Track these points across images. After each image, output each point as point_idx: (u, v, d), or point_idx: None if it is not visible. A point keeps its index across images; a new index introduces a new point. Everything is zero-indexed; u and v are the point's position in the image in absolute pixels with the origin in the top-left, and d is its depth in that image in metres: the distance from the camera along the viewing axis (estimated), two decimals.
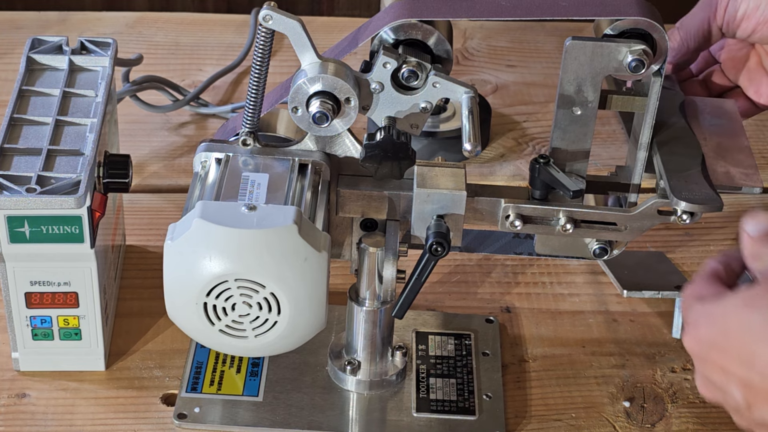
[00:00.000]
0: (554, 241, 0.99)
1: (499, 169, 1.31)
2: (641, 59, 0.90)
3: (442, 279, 1.16)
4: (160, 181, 1.28)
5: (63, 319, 1.00)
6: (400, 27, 0.93)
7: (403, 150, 0.91)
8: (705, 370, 0.82)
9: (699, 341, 0.81)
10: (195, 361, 1.04)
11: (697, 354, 0.82)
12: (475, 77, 1.46)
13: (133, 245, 1.18)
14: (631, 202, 0.98)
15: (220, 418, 1.00)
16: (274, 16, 0.89)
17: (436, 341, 1.08)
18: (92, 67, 1.08)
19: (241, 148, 0.94)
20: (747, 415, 0.80)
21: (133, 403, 1.02)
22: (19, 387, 1.02)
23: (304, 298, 0.87)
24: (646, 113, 0.94)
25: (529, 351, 1.09)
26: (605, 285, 1.16)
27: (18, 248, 0.96)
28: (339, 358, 1.03)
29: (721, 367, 0.80)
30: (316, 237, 0.88)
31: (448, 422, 1.00)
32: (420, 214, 0.95)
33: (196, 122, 1.36)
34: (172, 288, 0.88)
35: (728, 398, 0.81)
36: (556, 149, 0.96)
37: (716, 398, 0.82)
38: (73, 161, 0.97)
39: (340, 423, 1.00)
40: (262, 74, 0.91)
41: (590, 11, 0.91)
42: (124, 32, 1.51)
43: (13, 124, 1.01)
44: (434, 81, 0.92)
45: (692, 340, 0.82)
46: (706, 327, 0.80)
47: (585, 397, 1.04)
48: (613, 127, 1.39)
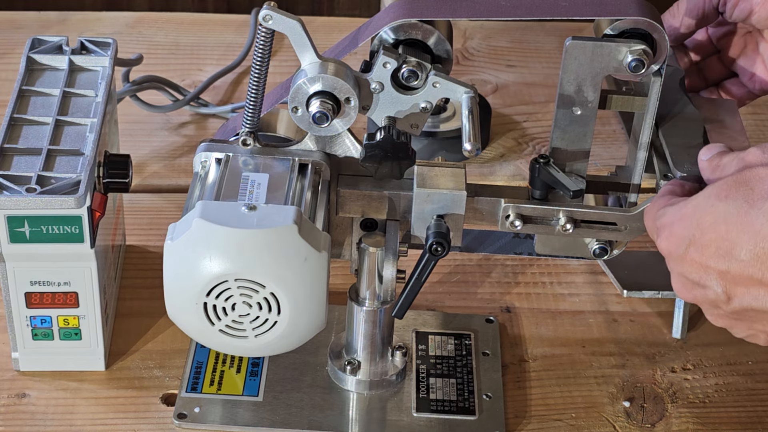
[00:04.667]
0: (554, 241, 0.99)
1: (499, 169, 1.31)
2: (641, 59, 0.90)
3: (442, 279, 1.16)
4: (160, 181, 1.28)
5: (63, 319, 1.00)
6: (400, 27, 0.93)
7: (403, 150, 0.91)
8: (683, 270, 0.83)
9: (675, 241, 0.83)
10: (195, 361, 1.04)
11: (674, 254, 0.83)
12: (475, 77, 1.46)
13: (133, 245, 1.18)
14: (631, 202, 0.98)
15: (220, 418, 1.00)
16: (274, 16, 0.89)
17: (436, 341, 1.08)
18: (92, 67, 1.08)
19: (241, 148, 0.94)
20: (725, 308, 0.82)
21: (133, 403, 1.02)
22: (19, 387, 1.02)
23: (304, 298, 0.87)
24: (646, 113, 0.94)
25: (529, 351, 1.09)
26: (605, 285, 1.16)
27: (18, 248, 0.96)
28: (339, 358, 1.03)
29: (699, 263, 0.81)
30: (316, 237, 0.88)
31: (448, 422, 1.00)
32: (420, 214, 0.95)
33: (196, 122, 1.36)
34: (172, 288, 0.88)
35: (708, 293, 0.82)
36: (556, 149, 0.96)
37: (694, 296, 0.84)
38: (73, 161, 0.97)
39: (340, 423, 1.00)
40: (262, 74, 0.91)
41: (590, 11, 0.91)
42: (124, 32, 1.51)
43: (13, 124, 1.01)
44: (434, 81, 0.92)
45: (667, 241, 0.84)
46: (681, 226, 0.82)
47: (585, 397, 1.04)
48: (613, 127, 1.39)
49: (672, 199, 0.87)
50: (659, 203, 0.88)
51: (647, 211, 0.89)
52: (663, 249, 0.85)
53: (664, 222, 0.85)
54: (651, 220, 0.88)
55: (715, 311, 0.84)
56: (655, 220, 0.86)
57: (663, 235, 0.84)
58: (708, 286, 0.82)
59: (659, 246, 0.85)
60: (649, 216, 0.88)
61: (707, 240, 0.81)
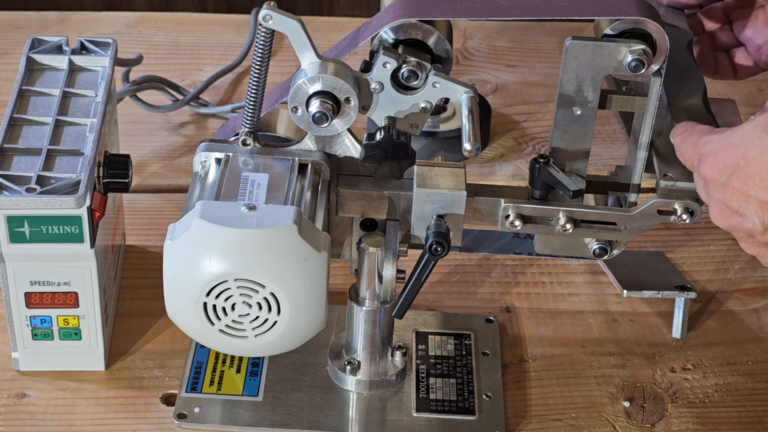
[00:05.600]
0: (554, 241, 0.99)
1: (499, 169, 1.31)
2: (641, 59, 0.90)
3: (442, 279, 1.16)
4: (160, 181, 1.28)
5: (63, 319, 1.00)
6: (400, 27, 0.93)
7: (403, 150, 0.91)
8: (724, 196, 0.85)
9: (719, 168, 0.85)
10: (195, 361, 1.04)
11: (717, 180, 0.85)
12: (475, 77, 1.46)
13: (133, 245, 1.18)
14: (631, 202, 0.98)
15: (220, 418, 1.00)
16: (274, 16, 0.89)
17: (436, 341, 1.08)
18: (92, 67, 1.08)
19: (241, 148, 0.94)
20: (761, 237, 0.85)
21: (133, 403, 1.02)
22: (19, 387, 1.02)
23: (304, 298, 0.87)
24: (646, 113, 0.94)
25: (529, 351, 1.09)
26: (605, 285, 1.16)
27: (18, 248, 0.96)
28: (339, 358, 1.03)
29: (741, 191, 0.83)
30: (316, 237, 0.88)
31: (448, 422, 1.00)
32: (420, 214, 0.95)
33: (196, 122, 1.36)
34: (172, 288, 0.88)
35: (745, 221, 0.84)
36: (556, 149, 0.96)
37: (730, 224, 0.86)
38: (73, 161, 0.97)
39: (340, 423, 1.00)
40: (262, 74, 0.91)
41: (590, 11, 0.91)
42: (124, 32, 1.51)
43: (13, 124, 1.01)
44: (434, 81, 0.92)
45: (711, 168, 0.85)
46: (727, 154, 0.84)
47: (585, 397, 1.04)
48: (613, 127, 1.39)
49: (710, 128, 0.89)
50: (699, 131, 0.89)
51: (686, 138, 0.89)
52: (705, 174, 0.86)
53: (709, 149, 0.86)
54: (693, 147, 0.88)
55: (750, 240, 0.86)
56: (698, 147, 0.88)
57: (707, 161, 0.86)
58: (746, 214, 0.84)
59: (701, 171, 0.86)
60: (690, 142, 0.89)
61: (752, 170, 0.83)
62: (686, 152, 0.90)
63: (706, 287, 1.16)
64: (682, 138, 0.90)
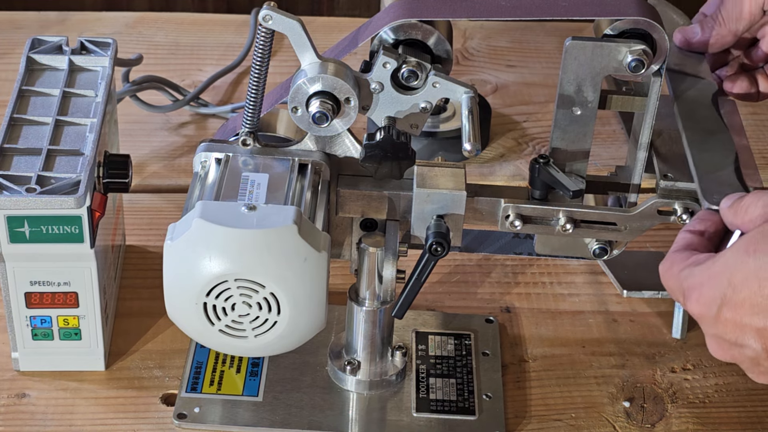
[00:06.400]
0: (554, 241, 0.99)
1: (499, 169, 1.31)
2: (641, 59, 0.90)
3: (442, 279, 1.16)
4: (160, 181, 1.28)
5: (63, 319, 1.00)
6: (400, 27, 0.93)
7: (403, 150, 0.91)
8: (717, 331, 0.80)
9: (706, 302, 0.79)
10: (195, 361, 1.04)
11: (706, 316, 0.80)
12: (475, 77, 1.46)
13: (133, 245, 1.18)
14: (631, 202, 0.98)
15: (219, 418, 1.00)
16: (274, 16, 0.89)
17: (436, 341, 1.08)
18: (92, 67, 1.08)
19: (241, 148, 0.94)
20: (766, 364, 0.80)
21: (133, 403, 1.02)
22: (19, 387, 1.02)
23: (304, 298, 0.87)
24: (646, 113, 0.94)
25: (529, 351, 1.09)
26: (605, 285, 1.16)
27: (18, 248, 0.96)
28: (339, 358, 1.03)
29: (733, 322, 0.78)
30: (316, 237, 0.88)
31: (448, 422, 1.00)
32: (420, 214, 0.95)
33: (196, 122, 1.36)
34: (172, 288, 0.88)
35: (746, 351, 0.80)
36: (556, 149, 0.96)
37: (732, 356, 0.81)
38: (73, 161, 0.97)
39: (340, 423, 1.00)
40: (262, 74, 0.91)
41: (590, 11, 0.91)
42: (124, 32, 1.51)
43: (13, 124, 1.01)
44: (434, 81, 0.92)
45: (698, 303, 0.80)
46: (711, 286, 0.79)
47: (585, 397, 1.04)
48: (613, 127, 1.39)
49: (692, 255, 0.83)
50: (679, 262, 0.83)
51: (667, 271, 0.84)
52: (694, 312, 0.81)
53: (692, 283, 0.81)
54: (675, 281, 0.83)
55: (756, 368, 0.81)
56: (680, 282, 0.82)
57: (693, 297, 0.81)
58: (746, 344, 0.79)
59: (689, 308, 0.81)
60: (672, 277, 0.83)
61: (741, 298, 0.78)
62: (669, 287, 0.84)
63: None
64: (664, 271, 0.84)
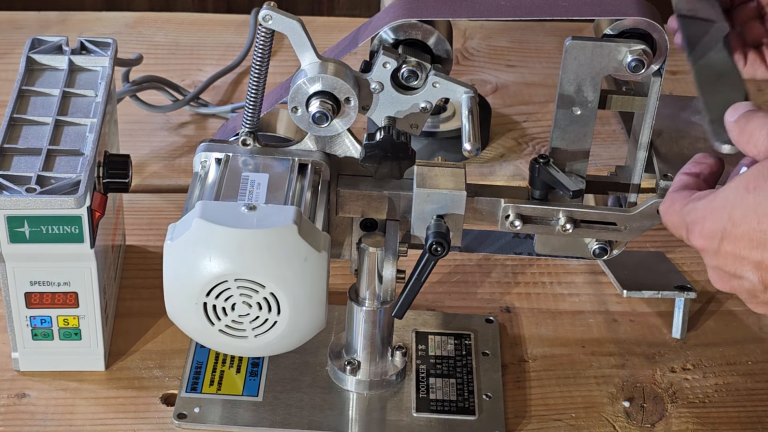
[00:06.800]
0: (554, 241, 0.99)
1: (499, 169, 1.31)
2: (641, 59, 0.90)
3: (442, 279, 1.16)
4: (160, 181, 1.28)
5: (63, 319, 1.00)
6: (400, 27, 0.93)
7: (403, 150, 0.91)
8: (718, 263, 0.84)
9: (708, 235, 0.83)
10: (195, 361, 1.04)
11: (708, 248, 0.83)
12: (475, 77, 1.46)
13: (133, 245, 1.18)
14: (631, 202, 0.98)
15: (219, 418, 1.00)
16: (274, 16, 0.89)
17: (436, 341, 1.08)
18: (92, 67, 1.08)
19: (241, 148, 0.94)
20: (763, 296, 0.83)
21: (133, 403, 1.02)
22: (19, 387, 1.02)
23: (304, 298, 0.87)
24: (646, 113, 0.94)
25: (529, 351, 1.09)
26: (605, 285, 1.16)
27: (18, 248, 0.96)
28: (339, 358, 1.03)
29: (733, 254, 0.82)
30: (316, 237, 0.88)
31: (448, 422, 1.00)
32: (420, 214, 0.95)
33: (196, 122, 1.36)
34: (172, 288, 0.88)
35: (744, 283, 0.83)
36: (556, 149, 0.96)
37: (731, 287, 0.85)
38: (73, 161, 0.97)
39: (340, 423, 1.00)
40: (262, 74, 0.91)
41: (590, 11, 0.91)
42: (124, 32, 1.51)
43: (13, 124, 1.01)
44: (434, 81, 0.92)
45: (700, 237, 0.84)
46: (712, 220, 0.82)
47: (585, 397, 1.04)
48: (613, 127, 1.39)
49: (692, 193, 0.87)
50: (680, 200, 0.87)
51: (668, 208, 0.87)
52: (697, 244, 0.85)
53: (695, 217, 0.84)
54: (678, 217, 0.87)
55: (754, 300, 0.85)
56: (683, 216, 0.86)
57: (696, 230, 0.84)
58: (744, 276, 0.83)
59: (692, 241, 0.85)
60: (674, 213, 0.87)
61: (740, 232, 0.81)
62: (672, 224, 0.88)
63: (706, 287, 1.16)
64: (665, 209, 0.88)
